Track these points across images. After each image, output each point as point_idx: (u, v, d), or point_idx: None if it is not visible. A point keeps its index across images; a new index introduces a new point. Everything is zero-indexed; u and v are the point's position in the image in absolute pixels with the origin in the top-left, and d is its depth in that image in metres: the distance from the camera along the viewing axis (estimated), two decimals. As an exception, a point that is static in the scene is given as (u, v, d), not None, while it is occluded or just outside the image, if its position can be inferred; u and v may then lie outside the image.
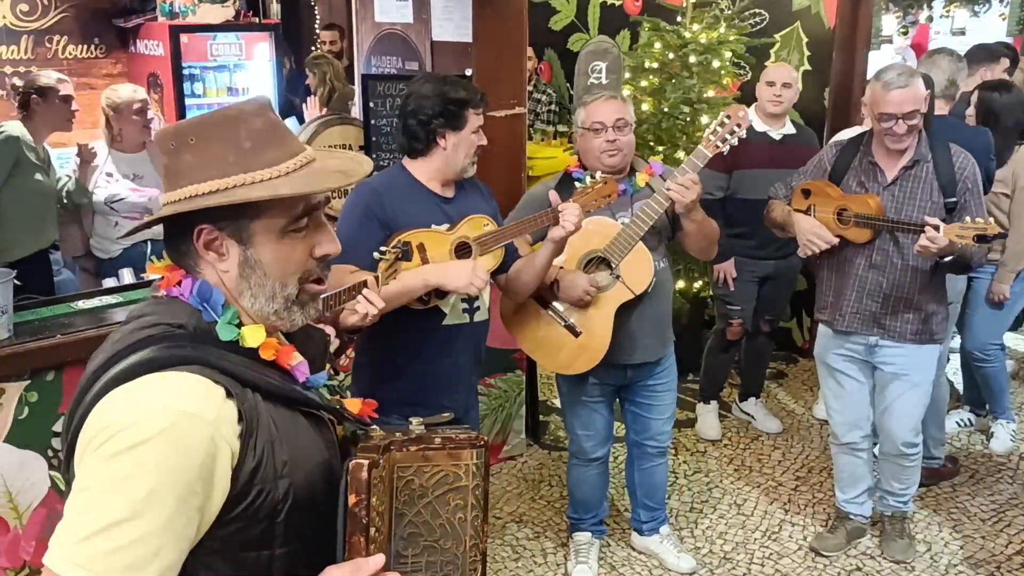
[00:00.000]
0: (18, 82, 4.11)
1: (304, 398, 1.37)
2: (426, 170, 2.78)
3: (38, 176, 3.92)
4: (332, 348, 1.89)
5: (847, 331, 3.41)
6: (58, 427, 3.02)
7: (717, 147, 3.05)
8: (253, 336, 1.34)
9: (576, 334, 3.13)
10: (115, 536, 1.14)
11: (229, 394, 1.25)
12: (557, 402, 5.01)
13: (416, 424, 1.41)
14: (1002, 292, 4.16)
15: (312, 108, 5.22)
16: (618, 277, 3.09)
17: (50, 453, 3.02)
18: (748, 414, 4.82)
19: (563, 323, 3.14)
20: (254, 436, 1.25)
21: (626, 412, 3.50)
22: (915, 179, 3.23)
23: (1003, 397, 4.50)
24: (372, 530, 1.29)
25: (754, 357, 4.84)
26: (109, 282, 3.79)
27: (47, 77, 4.09)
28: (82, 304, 3.31)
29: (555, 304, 3.15)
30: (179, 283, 1.36)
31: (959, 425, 4.67)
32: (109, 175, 4.19)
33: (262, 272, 1.36)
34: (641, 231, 3.05)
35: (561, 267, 3.11)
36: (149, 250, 4.09)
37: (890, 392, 3.43)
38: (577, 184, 3.01)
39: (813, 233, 3.30)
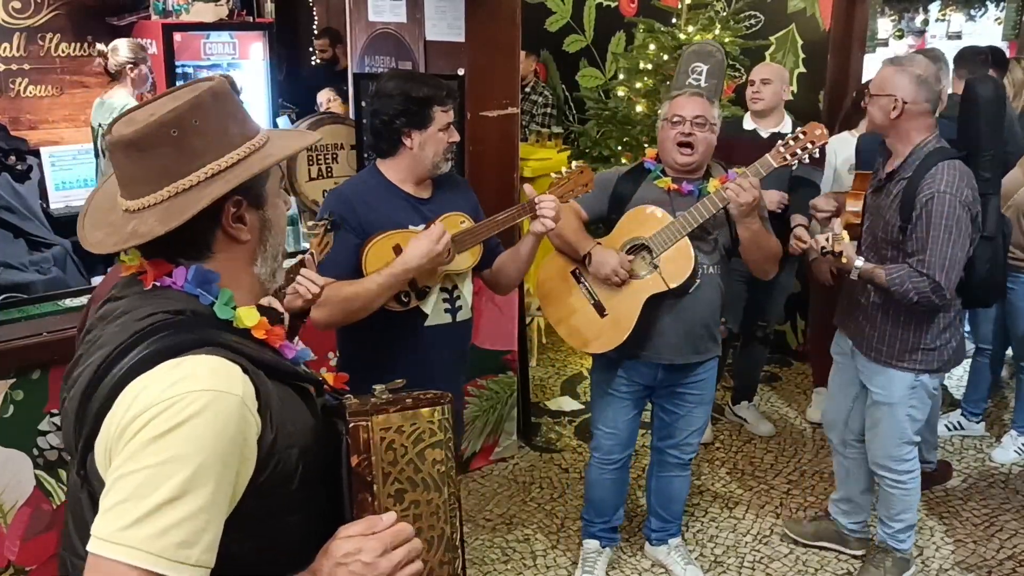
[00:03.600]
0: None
1: (295, 372, 1.42)
2: (397, 170, 2.73)
3: None
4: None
5: (836, 324, 3.39)
6: (44, 426, 3.00)
7: (784, 160, 2.99)
8: (248, 317, 1.38)
9: (602, 314, 3.09)
10: (166, 516, 1.16)
11: (244, 371, 1.28)
12: (549, 404, 5.01)
13: (380, 390, 1.48)
14: None
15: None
16: (656, 267, 3.04)
17: (35, 452, 3.00)
18: (740, 417, 4.81)
19: (592, 300, 3.11)
20: (269, 409, 1.30)
21: (654, 416, 3.43)
22: (887, 192, 3.09)
23: None
24: (375, 486, 1.40)
25: (747, 362, 4.83)
26: (97, 280, 3.77)
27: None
28: (69, 303, 3.29)
29: (589, 281, 3.12)
30: (168, 274, 1.37)
31: (949, 429, 4.66)
32: None
33: (275, 231, 1.45)
34: (690, 226, 2.98)
35: (599, 242, 3.08)
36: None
37: (866, 401, 3.35)
38: (649, 173, 3.05)
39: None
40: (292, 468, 1.33)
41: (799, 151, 2.98)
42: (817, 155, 3.06)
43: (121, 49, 4.82)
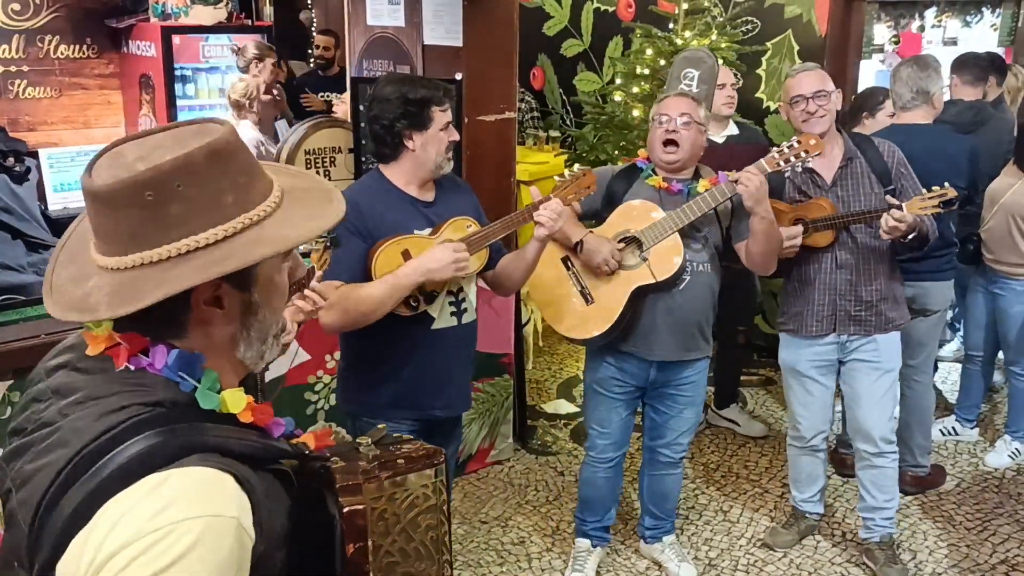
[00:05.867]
0: None
1: (282, 453, 1.24)
2: (401, 174, 2.77)
3: None
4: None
5: (823, 334, 3.41)
6: (42, 427, 3.01)
7: (778, 166, 3.09)
8: (234, 402, 1.19)
9: (589, 301, 3.14)
10: None
11: (236, 479, 1.11)
12: (546, 407, 5.02)
13: (366, 446, 1.36)
14: None
15: None
16: (645, 259, 3.10)
17: (33, 453, 3.01)
18: (731, 420, 4.82)
19: (579, 288, 3.16)
20: (260, 517, 1.13)
21: (645, 415, 3.48)
22: (852, 176, 3.32)
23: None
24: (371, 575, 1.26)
25: (726, 367, 4.83)
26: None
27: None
28: (68, 304, 3.29)
29: (578, 268, 3.17)
30: (143, 352, 1.18)
31: (943, 433, 4.68)
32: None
33: (263, 314, 1.24)
34: (681, 222, 3.05)
35: (592, 231, 3.13)
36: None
37: (860, 384, 3.45)
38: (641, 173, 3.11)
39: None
40: (278, 572, 1.17)
41: (792, 158, 3.08)
42: (810, 164, 3.18)
43: (249, 47, 5.31)
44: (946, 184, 3.05)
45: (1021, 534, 3.89)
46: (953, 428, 4.71)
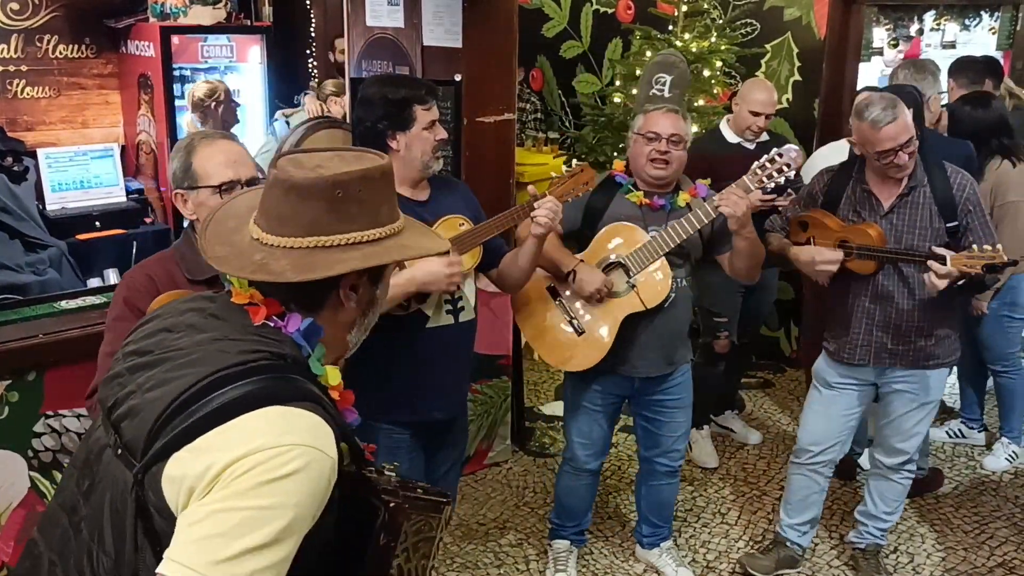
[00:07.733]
0: None
1: (346, 437, 1.41)
2: None
3: None
4: None
5: (858, 364, 3.26)
6: (39, 427, 3.00)
7: (761, 183, 3.01)
8: (333, 376, 1.46)
9: (579, 332, 3.11)
10: (256, 560, 1.20)
11: (335, 436, 1.32)
12: (544, 409, 5.02)
13: (389, 470, 1.51)
14: (980, 308, 4.18)
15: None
16: (633, 287, 3.07)
17: (30, 454, 3.01)
18: (726, 427, 4.80)
19: (569, 318, 3.13)
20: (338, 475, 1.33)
21: (637, 426, 3.46)
22: (912, 205, 3.10)
23: (1016, 416, 4.47)
24: (392, 573, 1.43)
25: (732, 370, 4.81)
26: (94, 282, 3.77)
27: None
28: (65, 304, 3.29)
29: (566, 298, 3.14)
30: (279, 315, 1.42)
31: (949, 435, 4.68)
32: None
33: (377, 308, 1.54)
34: (668, 246, 3.02)
35: (582, 259, 3.10)
36: (135, 249, 4.07)
37: (895, 408, 3.31)
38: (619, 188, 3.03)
39: (816, 262, 3.16)
40: (329, 533, 1.35)
41: (774, 173, 3.00)
42: (792, 177, 3.06)
43: (327, 84, 5.62)
44: (999, 247, 2.84)
45: (1018, 537, 3.89)
46: (959, 430, 4.72)
